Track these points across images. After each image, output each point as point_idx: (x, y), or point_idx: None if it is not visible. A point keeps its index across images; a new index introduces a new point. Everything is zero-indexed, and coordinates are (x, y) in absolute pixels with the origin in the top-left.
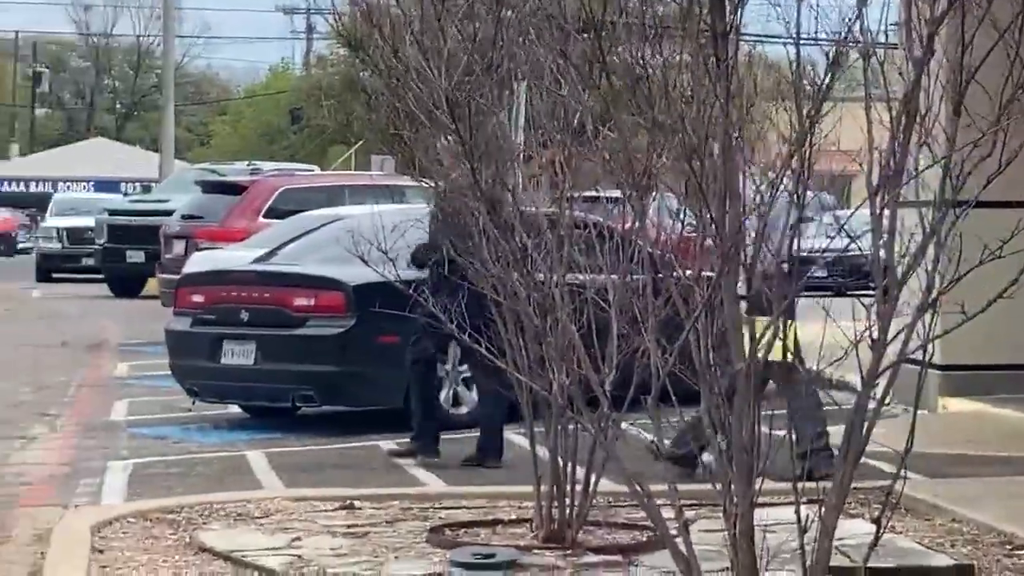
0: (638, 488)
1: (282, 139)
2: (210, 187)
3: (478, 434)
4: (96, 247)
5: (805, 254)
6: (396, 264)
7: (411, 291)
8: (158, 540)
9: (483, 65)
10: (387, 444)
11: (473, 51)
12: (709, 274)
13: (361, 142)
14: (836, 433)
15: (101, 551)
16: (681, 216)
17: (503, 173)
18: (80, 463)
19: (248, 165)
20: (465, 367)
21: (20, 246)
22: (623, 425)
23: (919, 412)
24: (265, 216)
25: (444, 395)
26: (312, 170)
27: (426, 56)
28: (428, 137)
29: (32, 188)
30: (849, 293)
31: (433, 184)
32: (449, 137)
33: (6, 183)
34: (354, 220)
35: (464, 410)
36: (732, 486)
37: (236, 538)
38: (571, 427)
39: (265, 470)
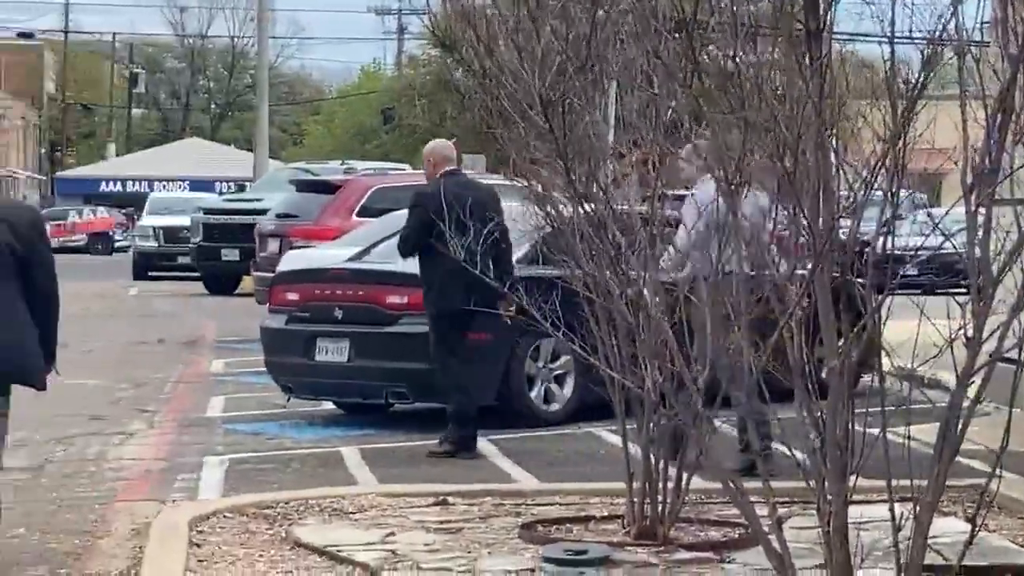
0: (732, 485)
1: (374, 138)
2: (304, 186)
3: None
4: (192, 245)
5: (898, 252)
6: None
7: (506, 288)
8: (254, 535)
9: (576, 65)
10: (480, 440)
11: (567, 51)
12: (802, 272)
13: (452, 141)
14: (929, 431)
15: (199, 545)
16: (773, 214)
17: (595, 172)
18: (177, 459)
19: (341, 164)
20: (557, 364)
21: (117, 245)
22: (715, 422)
23: (1014, 410)
24: (358, 215)
25: (536, 392)
26: (404, 169)
27: (520, 56)
28: (521, 136)
29: (129, 188)
30: (943, 292)
31: (526, 183)
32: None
33: (104, 183)
34: None
35: (555, 407)
36: (826, 483)
37: (331, 533)
38: (663, 424)
39: (359, 466)
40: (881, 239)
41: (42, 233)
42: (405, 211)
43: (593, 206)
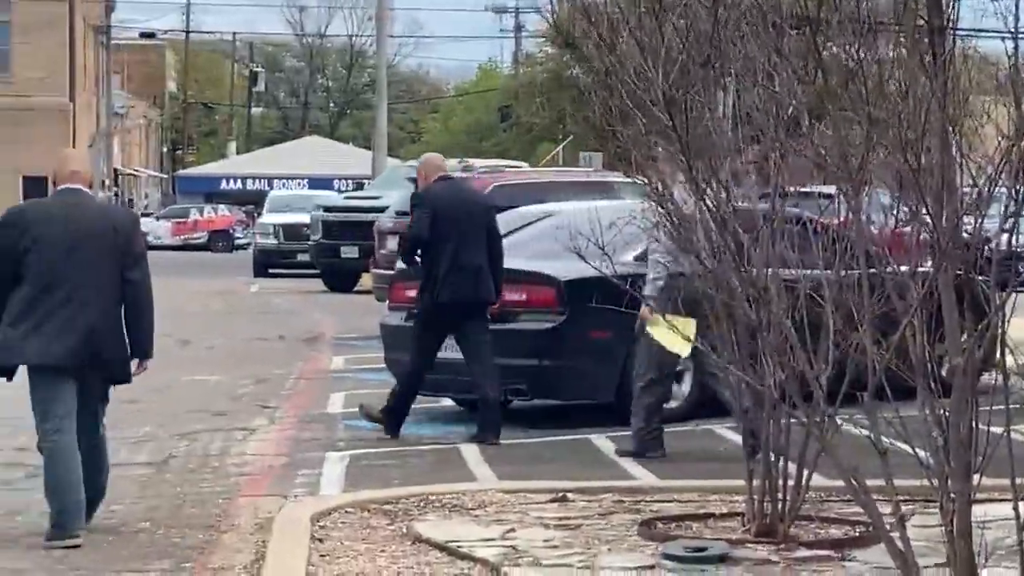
0: (854, 483)
1: (491, 136)
2: None
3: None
4: (311, 243)
5: (1022, 249)
6: (612, 259)
7: (627, 286)
8: (375, 530)
9: (699, 62)
10: (598, 438)
11: (689, 47)
12: (925, 269)
13: (569, 139)
14: None
15: (321, 540)
16: (895, 211)
17: (717, 168)
18: (298, 454)
19: (459, 162)
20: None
21: (238, 242)
22: (837, 420)
23: None
24: None
25: None
26: (521, 167)
27: (643, 52)
28: (640, 133)
29: (249, 185)
30: None
31: (646, 180)
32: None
33: (224, 180)
34: (565, 216)
35: (674, 404)
36: (949, 482)
37: (451, 529)
38: (783, 422)
39: (478, 462)
40: (1004, 236)
41: (138, 234)
42: (523, 208)
43: (715, 202)
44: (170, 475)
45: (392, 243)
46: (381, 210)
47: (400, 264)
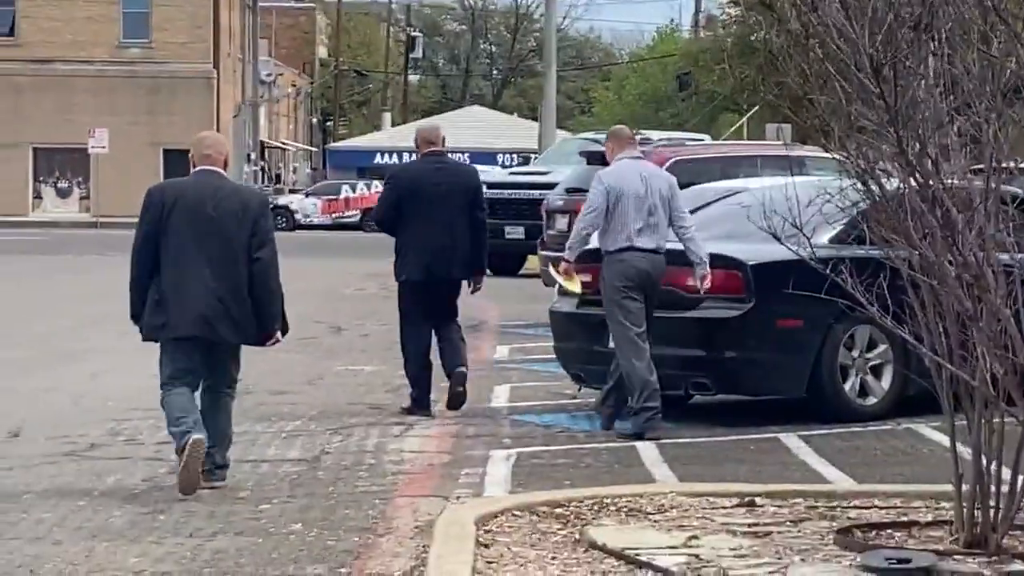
0: None
1: (669, 106)
2: (595, 158)
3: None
4: None
5: None
6: (811, 241)
7: (827, 270)
8: (546, 535)
9: (909, 24)
10: (788, 437)
11: (898, 8)
12: None
13: (755, 109)
14: None
15: (486, 545)
16: None
17: (927, 141)
18: (461, 452)
19: (635, 134)
20: (873, 353)
21: None
22: None
23: None
24: None
25: (850, 384)
26: (702, 139)
27: (848, 13)
28: (840, 102)
29: (405, 159)
30: None
31: (845, 153)
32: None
33: (378, 154)
34: (753, 193)
35: (872, 401)
36: None
37: (629, 535)
38: (996, 420)
39: (657, 462)
40: None
41: (269, 214)
42: (706, 186)
43: (926, 179)
44: (323, 473)
45: (562, 222)
46: (550, 187)
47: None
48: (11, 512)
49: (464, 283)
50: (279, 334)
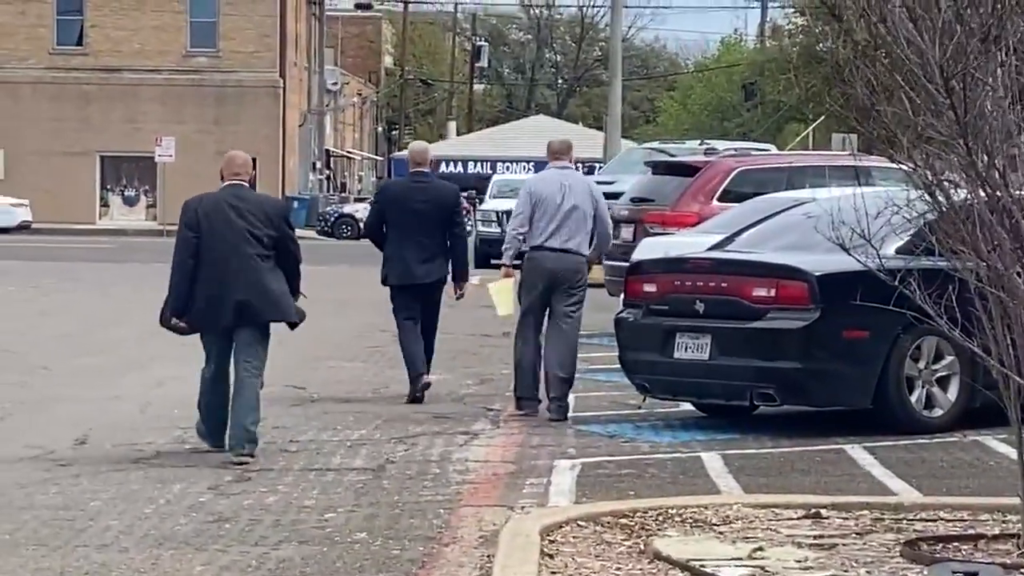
0: None
1: (734, 116)
2: (661, 168)
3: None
4: None
5: None
6: (879, 252)
7: (895, 282)
8: (610, 546)
9: (979, 35)
10: (853, 449)
11: (967, 19)
12: None
13: (820, 119)
14: None
15: (551, 556)
16: None
17: (996, 152)
18: (525, 462)
19: (700, 144)
20: (940, 364)
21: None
22: None
23: None
24: (719, 199)
25: (916, 396)
26: (768, 149)
27: (916, 24)
28: (907, 112)
29: (470, 169)
30: None
31: (912, 164)
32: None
33: (444, 163)
34: (820, 204)
35: (938, 413)
36: None
37: (694, 546)
38: None
39: (722, 473)
40: None
41: (288, 219)
42: (771, 196)
43: (994, 190)
44: (388, 482)
45: (627, 232)
46: (615, 196)
47: (636, 255)
48: (78, 519)
49: (450, 290)
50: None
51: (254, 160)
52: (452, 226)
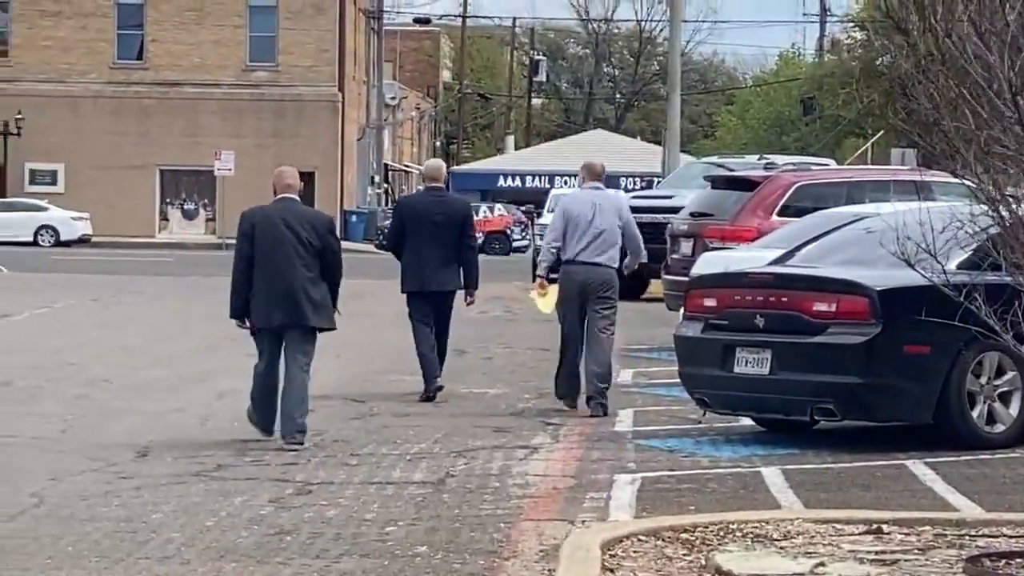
0: None
1: (792, 130)
2: (720, 183)
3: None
4: None
5: None
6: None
7: (961, 297)
8: (671, 561)
9: None
10: (914, 464)
11: None
12: None
13: (880, 133)
14: None
15: (612, 570)
16: None
17: None
18: (585, 476)
19: (760, 159)
20: (1002, 380)
21: (515, 244)
22: None
23: None
24: (779, 214)
25: (977, 411)
26: (827, 164)
27: (983, 38)
28: (971, 127)
29: (528, 183)
30: None
31: (976, 179)
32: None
33: (501, 177)
34: (883, 219)
35: (1000, 428)
36: None
37: (755, 561)
38: None
39: (782, 488)
40: None
41: (333, 232)
42: (831, 211)
43: None
44: (448, 495)
45: (686, 247)
46: (674, 211)
47: (696, 270)
48: (140, 532)
49: (461, 297)
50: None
51: (312, 174)
52: (464, 238)
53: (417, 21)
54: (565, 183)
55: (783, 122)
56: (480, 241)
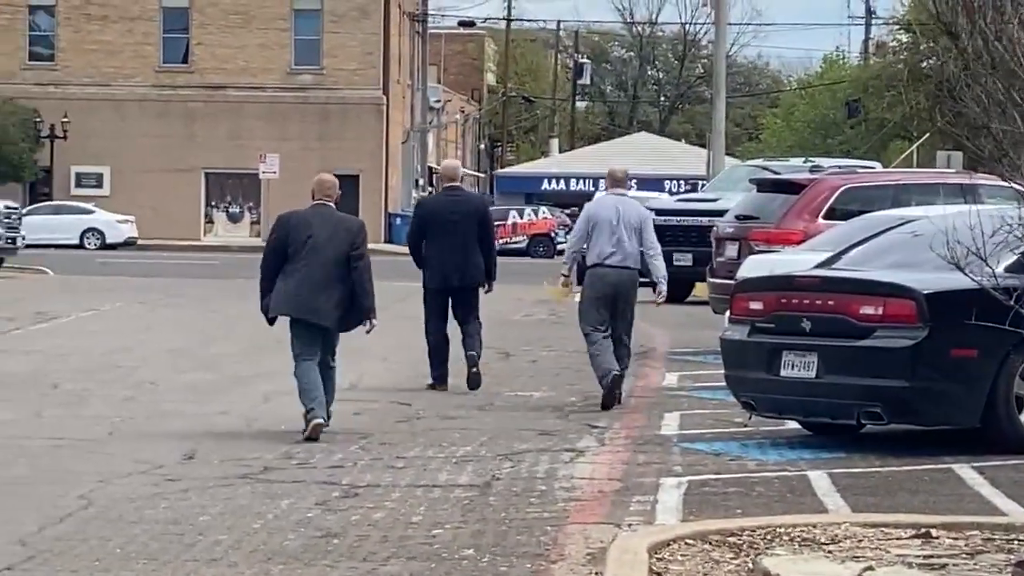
0: None
1: (837, 133)
2: (765, 185)
3: None
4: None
5: None
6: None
7: (1011, 301)
8: (719, 564)
9: None
10: (962, 468)
11: None
12: None
13: (925, 136)
14: None
15: (659, 574)
16: None
17: None
18: (631, 479)
19: (805, 162)
20: None
21: (560, 247)
22: None
23: None
24: (825, 217)
25: None
26: (873, 167)
27: None
28: (1020, 130)
29: (572, 186)
30: None
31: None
32: None
33: (546, 180)
34: (931, 222)
35: None
36: None
37: (803, 565)
38: None
39: (829, 492)
40: None
41: (364, 238)
42: (878, 214)
43: None
44: (494, 498)
45: (731, 250)
46: (719, 213)
47: (741, 273)
48: (188, 534)
49: (482, 288)
50: (370, 322)
51: (357, 177)
52: (482, 234)
53: (462, 24)
54: None
55: (828, 125)
56: (525, 244)
